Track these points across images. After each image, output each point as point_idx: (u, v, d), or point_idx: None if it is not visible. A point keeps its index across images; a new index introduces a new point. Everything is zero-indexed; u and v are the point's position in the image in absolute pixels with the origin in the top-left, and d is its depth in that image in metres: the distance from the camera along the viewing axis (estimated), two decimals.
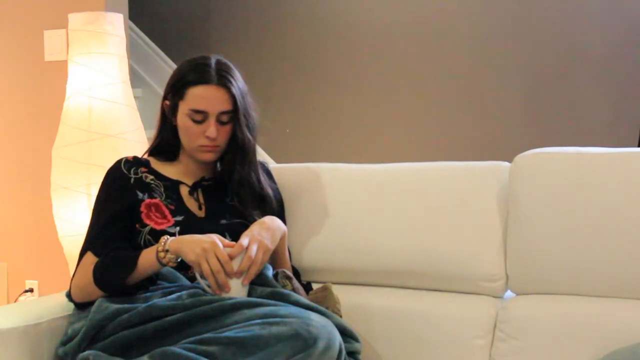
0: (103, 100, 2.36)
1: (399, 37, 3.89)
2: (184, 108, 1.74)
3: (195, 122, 1.73)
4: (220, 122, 1.73)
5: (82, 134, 2.35)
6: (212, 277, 1.52)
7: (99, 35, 2.37)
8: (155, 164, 1.82)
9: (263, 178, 1.83)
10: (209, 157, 1.77)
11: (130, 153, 1.90)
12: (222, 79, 1.72)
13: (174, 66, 1.91)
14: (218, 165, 1.84)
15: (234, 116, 1.73)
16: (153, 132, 1.88)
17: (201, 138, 1.74)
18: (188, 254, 1.53)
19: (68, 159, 2.36)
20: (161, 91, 1.84)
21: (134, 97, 2.55)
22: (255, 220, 1.73)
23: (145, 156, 1.86)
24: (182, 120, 1.75)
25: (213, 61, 1.75)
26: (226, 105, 1.72)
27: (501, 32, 3.71)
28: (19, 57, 2.97)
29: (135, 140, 2.39)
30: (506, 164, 1.86)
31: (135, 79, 3.57)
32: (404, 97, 3.90)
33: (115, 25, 2.41)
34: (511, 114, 3.71)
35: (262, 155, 3.87)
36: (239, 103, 1.72)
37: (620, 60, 3.50)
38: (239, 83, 1.75)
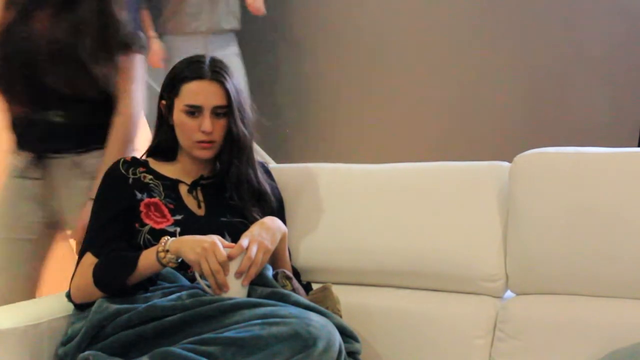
0: None
1: (399, 37, 3.89)
2: (179, 104, 1.75)
3: (191, 117, 1.74)
4: (215, 117, 1.74)
5: None
6: (212, 277, 1.52)
7: None
8: (154, 164, 1.82)
9: (262, 176, 1.83)
10: (206, 153, 1.77)
11: (131, 153, 1.90)
12: (216, 74, 1.73)
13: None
14: (218, 164, 1.84)
15: (229, 111, 1.74)
16: (152, 133, 1.89)
17: (197, 133, 1.74)
18: (188, 253, 1.54)
19: None
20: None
21: None
22: (254, 217, 1.74)
23: (144, 157, 1.86)
24: (178, 117, 1.76)
25: (207, 59, 1.76)
26: (220, 100, 1.73)
27: (501, 32, 3.72)
28: None
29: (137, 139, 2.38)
30: (506, 164, 1.86)
31: None
32: (404, 98, 3.90)
33: None
34: (511, 114, 3.71)
35: (262, 155, 3.88)
36: (232, 97, 1.73)
37: (620, 60, 3.50)
38: (232, 79, 1.76)
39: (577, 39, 3.57)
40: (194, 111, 1.73)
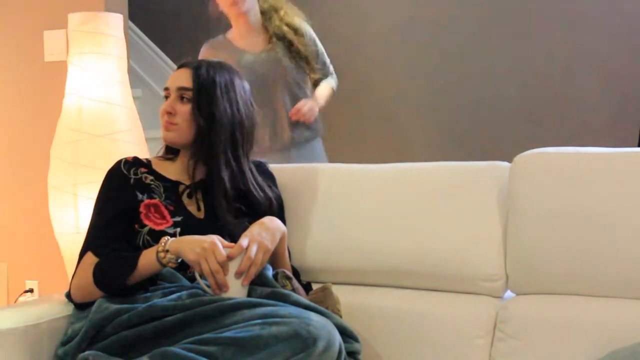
0: (93, 101, 2.35)
1: (399, 37, 3.89)
2: None
3: (165, 101, 1.77)
4: (180, 101, 1.74)
5: (72, 134, 2.35)
6: (211, 277, 1.52)
7: (94, 35, 2.36)
8: (157, 165, 1.81)
9: (251, 180, 1.80)
10: (167, 135, 1.77)
11: (122, 154, 1.90)
12: (196, 64, 1.76)
13: (174, 66, 1.92)
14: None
15: (192, 96, 1.73)
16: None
17: (164, 116, 1.76)
18: (188, 253, 1.53)
19: (60, 159, 2.36)
20: (161, 91, 1.85)
21: (134, 97, 2.54)
22: (226, 219, 1.73)
23: (158, 155, 1.86)
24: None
25: (210, 59, 1.78)
26: (184, 82, 1.74)
27: (501, 32, 3.72)
28: (19, 57, 2.97)
29: (128, 141, 2.37)
30: (506, 164, 1.86)
31: (135, 79, 3.57)
32: (404, 97, 3.90)
33: (111, 26, 2.39)
34: (511, 114, 3.71)
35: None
36: (194, 82, 1.73)
37: (620, 60, 3.50)
38: (211, 72, 1.75)
39: (577, 39, 3.57)
40: (166, 93, 1.76)
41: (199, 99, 1.72)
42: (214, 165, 1.75)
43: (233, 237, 1.61)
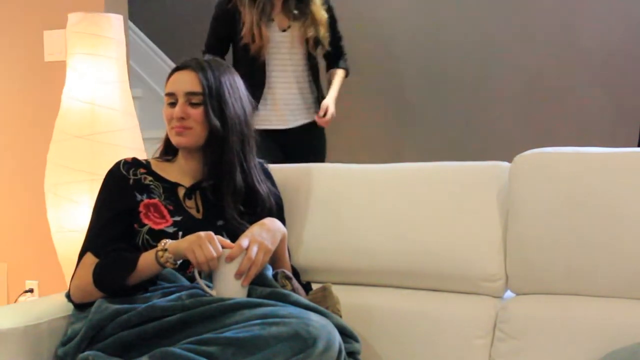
0: (90, 103, 2.34)
1: (398, 37, 3.90)
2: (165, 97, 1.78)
3: (169, 106, 1.76)
4: (190, 105, 1.74)
5: (68, 135, 2.35)
6: (204, 265, 1.51)
7: (92, 36, 2.35)
8: (156, 166, 1.81)
9: (256, 176, 1.81)
10: (179, 139, 1.76)
11: (118, 155, 1.89)
12: (199, 66, 1.75)
13: (174, 66, 1.92)
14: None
15: (203, 100, 1.73)
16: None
17: (173, 121, 1.75)
18: (183, 242, 1.54)
19: (56, 159, 2.37)
20: (161, 91, 1.85)
21: (134, 97, 2.54)
22: (233, 218, 1.73)
23: (156, 155, 1.86)
24: (164, 109, 1.78)
25: (207, 57, 1.77)
26: (192, 87, 1.73)
27: (501, 31, 3.72)
28: (18, 57, 2.97)
29: (125, 142, 2.35)
30: (506, 164, 1.86)
31: (135, 79, 3.57)
32: (404, 98, 3.90)
33: (110, 27, 2.38)
34: (511, 114, 3.72)
35: None
36: (204, 85, 1.73)
37: (620, 60, 3.50)
38: (216, 73, 1.75)
39: (577, 39, 3.57)
40: (172, 100, 1.75)
41: (211, 102, 1.73)
42: (227, 164, 1.75)
43: (233, 238, 1.61)
